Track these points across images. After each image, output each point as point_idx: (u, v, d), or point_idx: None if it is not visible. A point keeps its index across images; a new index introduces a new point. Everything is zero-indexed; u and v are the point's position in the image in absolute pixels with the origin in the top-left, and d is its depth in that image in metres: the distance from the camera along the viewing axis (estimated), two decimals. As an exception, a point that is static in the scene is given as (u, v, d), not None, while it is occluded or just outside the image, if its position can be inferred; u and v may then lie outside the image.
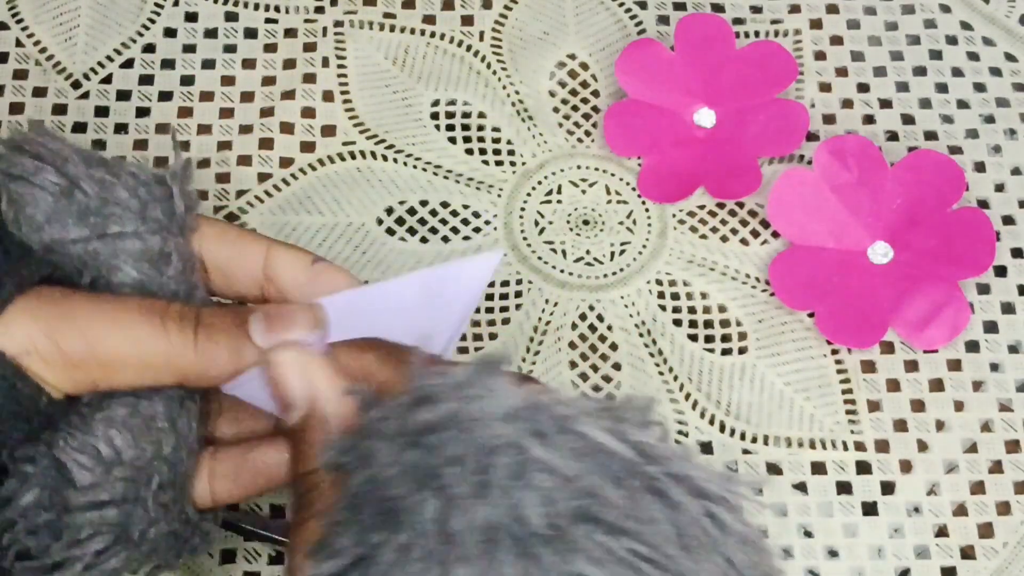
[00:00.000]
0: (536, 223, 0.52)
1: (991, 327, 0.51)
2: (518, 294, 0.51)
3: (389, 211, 0.52)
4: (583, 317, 0.50)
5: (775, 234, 0.52)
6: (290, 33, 0.56)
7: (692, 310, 0.51)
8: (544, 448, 0.26)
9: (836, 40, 0.57)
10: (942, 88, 0.56)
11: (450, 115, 0.55)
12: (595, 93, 0.55)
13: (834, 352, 0.50)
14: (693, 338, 0.50)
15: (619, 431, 0.28)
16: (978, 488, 0.47)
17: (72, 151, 0.37)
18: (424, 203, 0.52)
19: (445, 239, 0.52)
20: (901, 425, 0.49)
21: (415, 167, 0.53)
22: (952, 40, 0.57)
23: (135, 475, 0.35)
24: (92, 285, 0.36)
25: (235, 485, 0.37)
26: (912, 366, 0.50)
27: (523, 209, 0.53)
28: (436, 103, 0.55)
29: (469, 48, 0.56)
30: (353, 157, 0.53)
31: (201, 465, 0.37)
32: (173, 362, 0.35)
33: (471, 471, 0.26)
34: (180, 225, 0.37)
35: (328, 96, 0.55)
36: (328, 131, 0.54)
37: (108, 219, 0.36)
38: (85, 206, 0.36)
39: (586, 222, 0.52)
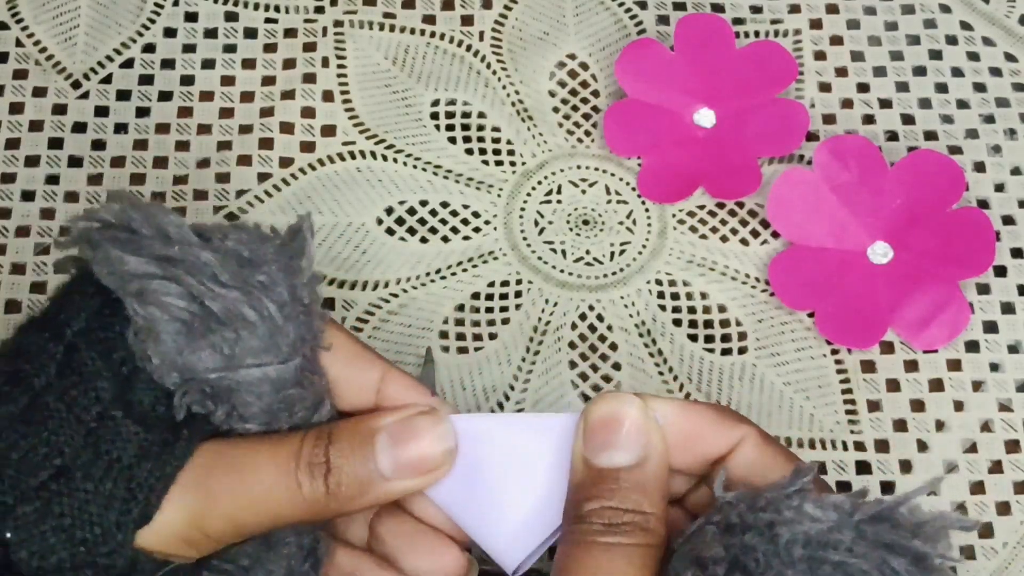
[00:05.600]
0: (536, 223, 0.52)
1: (991, 327, 0.51)
2: (518, 294, 0.51)
3: (389, 211, 0.52)
4: (583, 317, 0.50)
5: (775, 234, 0.52)
6: (290, 33, 0.56)
7: (692, 310, 0.51)
8: None
9: (836, 40, 0.57)
10: (942, 88, 0.56)
11: (450, 115, 0.55)
12: (595, 93, 0.55)
13: (834, 352, 0.50)
14: (693, 338, 0.50)
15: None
16: (978, 488, 0.47)
17: (194, 257, 0.35)
18: (424, 203, 0.52)
19: (445, 239, 0.52)
20: (901, 425, 0.49)
21: (415, 167, 0.53)
22: (952, 40, 0.57)
23: None
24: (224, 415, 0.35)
25: None
26: (912, 366, 0.50)
27: (523, 209, 0.53)
28: (436, 103, 0.55)
29: (469, 48, 0.56)
30: (353, 157, 0.53)
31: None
32: (308, 516, 0.35)
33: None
34: (312, 344, 0.36)
35: (328, 96, 0.55)
36: (328, 131, 0.54)
37: (244, 351, 0.34)
38: (217, 333, 0.34)
39: (586, 222, 0.52)
